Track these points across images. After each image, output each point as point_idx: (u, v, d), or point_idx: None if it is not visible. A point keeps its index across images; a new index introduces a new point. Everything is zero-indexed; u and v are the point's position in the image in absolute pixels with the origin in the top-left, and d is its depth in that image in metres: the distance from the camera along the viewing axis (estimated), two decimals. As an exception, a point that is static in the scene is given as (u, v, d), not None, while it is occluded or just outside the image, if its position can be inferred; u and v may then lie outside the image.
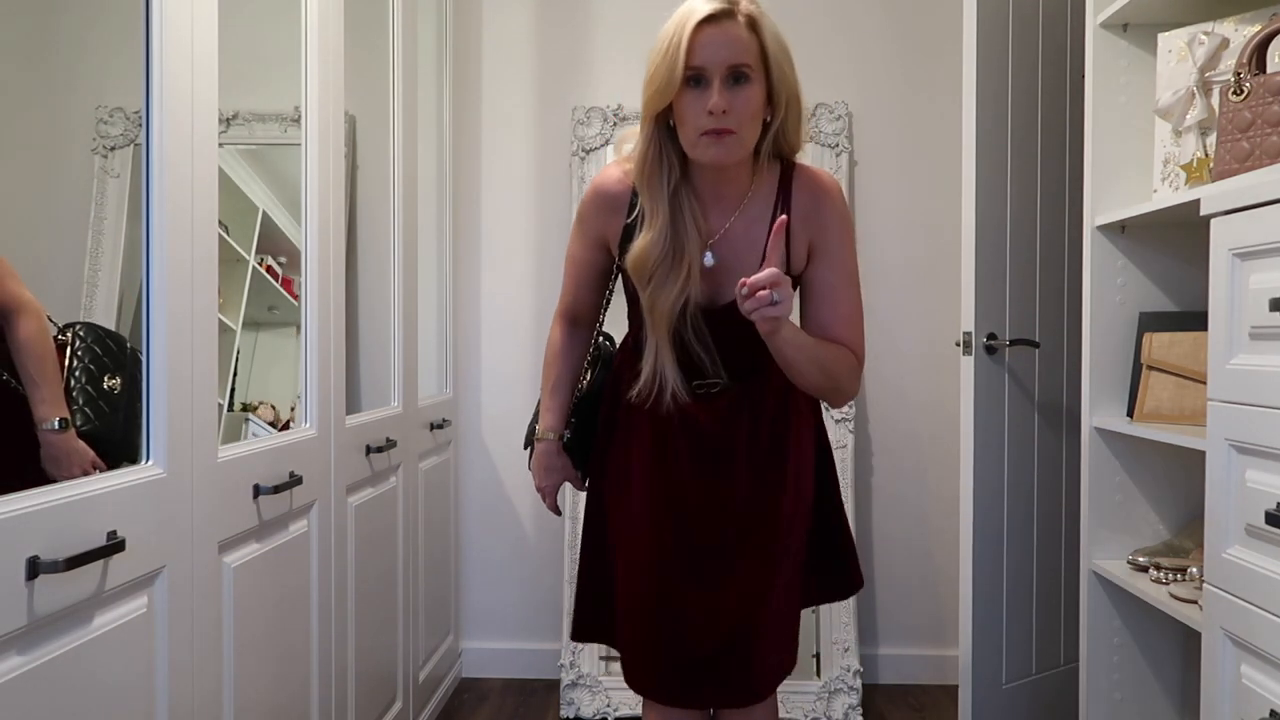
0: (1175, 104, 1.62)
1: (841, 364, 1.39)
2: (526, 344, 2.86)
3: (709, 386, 1.44)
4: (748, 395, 1.45)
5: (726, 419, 1.45)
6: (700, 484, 1.45)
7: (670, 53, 1.26)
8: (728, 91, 1.26)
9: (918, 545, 2.82)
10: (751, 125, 1.30)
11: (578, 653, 2.62)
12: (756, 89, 1.29)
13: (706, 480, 1.45)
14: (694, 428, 1.44)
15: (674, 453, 1.45)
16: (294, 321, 1.79)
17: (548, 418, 1.60)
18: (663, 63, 1.27)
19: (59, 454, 1.17)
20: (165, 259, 1.18)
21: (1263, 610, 1.20)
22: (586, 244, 1.52)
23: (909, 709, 2.63)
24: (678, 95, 1.28)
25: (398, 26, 2.21)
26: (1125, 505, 1.82)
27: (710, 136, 1.28)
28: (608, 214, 1.46)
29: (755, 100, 1.29)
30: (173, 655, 1.17)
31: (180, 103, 1.20)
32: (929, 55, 2.78)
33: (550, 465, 1.61)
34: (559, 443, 1.59)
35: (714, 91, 1.26)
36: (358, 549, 1.89)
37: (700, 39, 1.25)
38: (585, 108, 2.77)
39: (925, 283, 2.79)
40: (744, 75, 1.28)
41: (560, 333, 1.63)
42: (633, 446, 1.48)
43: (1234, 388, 1.25)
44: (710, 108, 1.25)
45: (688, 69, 1.26)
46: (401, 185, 2.23)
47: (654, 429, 1.46)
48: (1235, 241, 1.25)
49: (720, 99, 1.25)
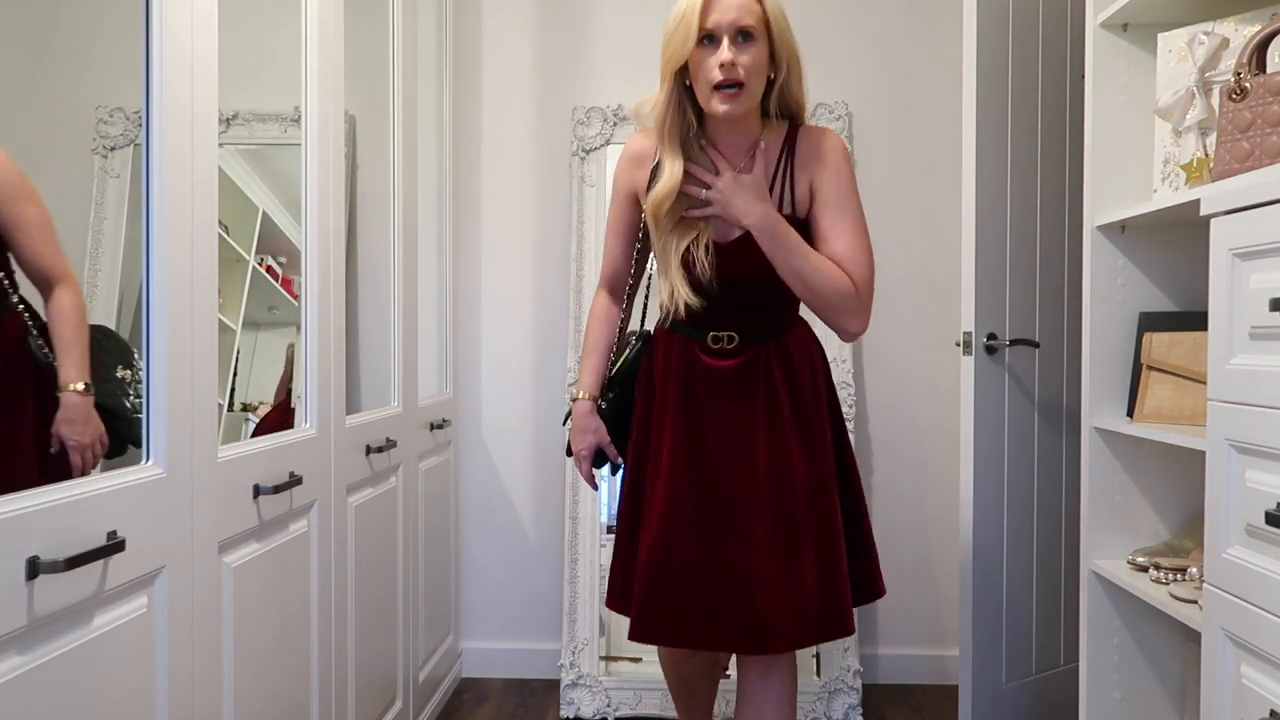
0: (1175, 104, 1.62)
1: (827, 282, 1.53)
2: (526, 344, 2.86)
3: (725, 340, 1.58)
4: (762, 359, 1.59)
5: (745, 381, 1.58)
6: (721, 440, 1.57)
7: (686, 17, 1.47)
8: (736, 49, 1.46)
9: (918, 545, 2.82)
10: (757, 78, 1.49)
11: (578, 653, 2.62)
12: (761, 47, 1.49)
13: (727, 436, 1.57)
14: (716, 390, 1.58)
15: (699, 411, 1.59)
16: (294, 321, 1.79)
17: (584, 378, 1.73)
18: (679, 26, 1.47)
19: (77, 416, 1.19)
20: (165, 259, 1.18)
21: (1263, 610, 1.20)
22: (620, 203, 1.70)
23: (909, 709, 2.63)
24: (693, 54, 1.48)
25: (398, 26, 2.21)
26: (1125, 505, 1.82)
27: (722, 91, 1.47)
28: (634, 168, 1.66)
29: (760, 57, 1.49)
30: (173, 655, 1.17)
31: (180, 103, 1.20)
32: (929, 55, 2.78)
33: (585, 426, 1.71)
34: (593, 404, 1.71)
35: (724, 48, 1.45)
36: (358, 549, 1.89)
37: (712, 4, 1.46)
38: (585, 108, 2.77)
39: (925, 283, 2.79)
40: (749, 34, 1.47)
41: (599, 301, 1.78)
42: (666, 409, 1.61)
43: (1234, 388, 1.25)
44: (721, 61, 1.45)
45: (701, 30, 1.46)
46: (401, 185, 2.23)
47: (684, 392, 1.59)
48: (1235, 241, 1.25)
49: (730, 54, 1.45)
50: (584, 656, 2.62)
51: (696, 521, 1.54)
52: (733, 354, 1.58)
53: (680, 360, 1.61)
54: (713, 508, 1.55)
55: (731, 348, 1.58)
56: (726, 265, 1.56)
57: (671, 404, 1.60)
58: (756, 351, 1.59)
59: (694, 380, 1.59)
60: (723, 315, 1.58)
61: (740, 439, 1.56)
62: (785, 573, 1.51)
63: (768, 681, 1.60)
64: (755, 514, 1.53)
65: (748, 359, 1.58)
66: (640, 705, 2.58)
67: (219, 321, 1.33)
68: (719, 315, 1.58)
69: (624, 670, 2.68)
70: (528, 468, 2.86)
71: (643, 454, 1.65)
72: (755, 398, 1.57)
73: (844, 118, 2.73)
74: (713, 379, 1.58)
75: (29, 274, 1.19)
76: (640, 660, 2.71)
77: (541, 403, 2.85)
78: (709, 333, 1.59)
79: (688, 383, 1.59)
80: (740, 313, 1.59)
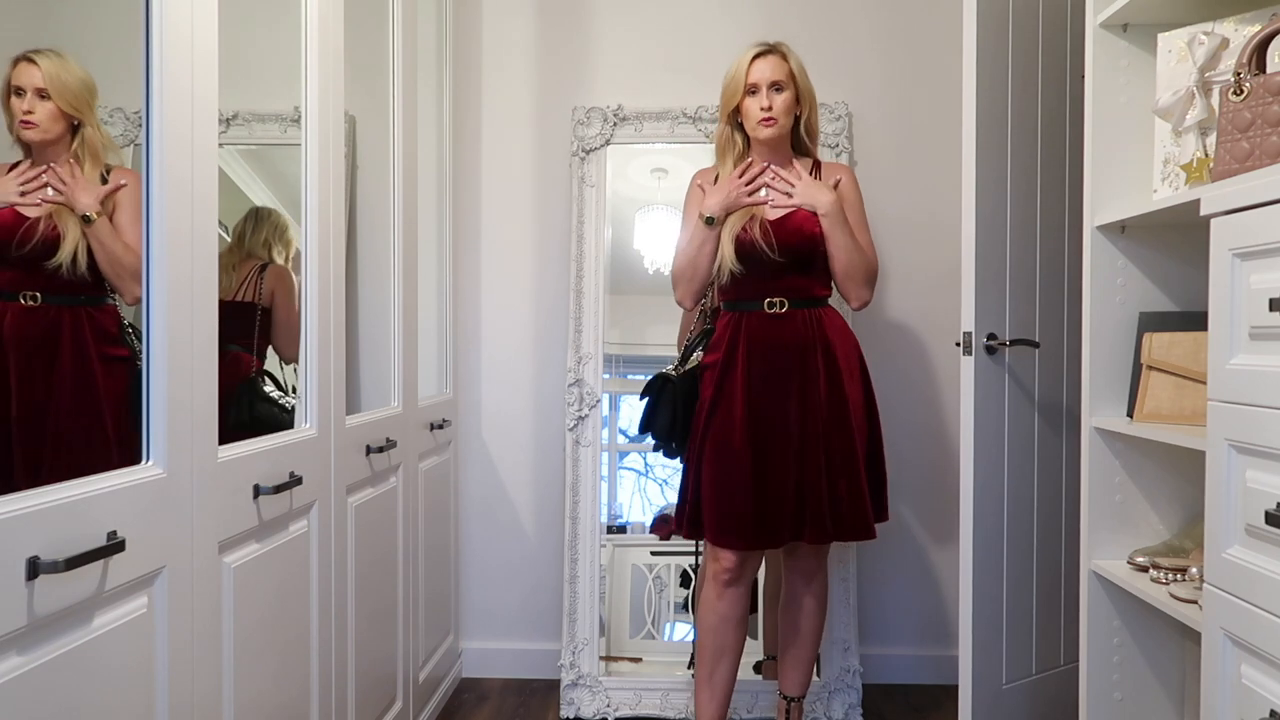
0: (1175, 104, 1.62)
1: (861, 255, 2.14)
2: (527, 344, 2.86)
3: (779, 304, 2.12)
4: (810, 323, 2.12)
5: (799, 340, 2.10)
6: (779, 390, 2.09)
7: (737, 75, 2.14)
8: (772, 95, 2.11)
9: (918, 545, 2.82)
10: (786, 116, 2.14)
11: (578, 653, 2.62)
12: (789, 94, 2.14)
13: (783, 385, 2.09)
14: (772, 346, 2.11)
15: (759, 366, 2.10)
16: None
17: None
18: (732, 82, 2.15)
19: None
20: (165, 259, 1.18)
21: (1263, 610, 1.20)
22: (691, 217, 2.23)
23: (909, 709, 2.63)
24: (742, 100, 2.14)
25: (398, 26, 2.21)
26: (1125, 505, 1.82)
27: (763, 123, 2.12)
28: (700, 187, 2.22)
29: (789, 100, 2.14)
30: (173, 655, 1.17)
31: (180, 103, 1.20)
32: (929, 55, 2.78)
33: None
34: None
35: (763, 95, 2.11)
36: (358, 549, 1.88)
37: (755, 66, 2.12)
38: (585, 108, 2.77)
39: (925, 283, 2.79)
40: (781, 86, 2.12)
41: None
42: (735, 371, 2.11)
43: (1234, 388, 1.25)
44: (762, 106, 2.11)
45: (748, 85, 2.13)
46: (401, 185, 2.23)
47: (748, 352, 2.10)
48: (1235, 241, 1.25)
49: (768, 100, 2.11)
50: (584, 656, 2.62)
51: (760, 451, 2.08)
52: (786, 319, 2.12)
53: (746, 325, 2.12)
54: (775, 441, 2.08)
55: (784, 311, 2.12)
56: (780, 234, 2.10)
57: (741, 360, 2.10)
58: (804, 316, 2.12)
59: (755, 339, 2.11)
60: (774, 283, 2.12)
61: (794, 388, 2.09)
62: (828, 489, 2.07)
63: (810, 585, 2.24)
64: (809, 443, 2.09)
65: (799, 322, 2.12)
66: (640, 705, 2.58)
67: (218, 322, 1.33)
68: (771, 284, 2.12)
69: (624, 670, 2.68)
70: (528, 468, 2.86)
71: (711, 415, 2.12)
72: (809, 350, 2.10)
73: (844, 118, 2.73)
74: (771, 340, 2.10)
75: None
76: (640, 660, 2.71)
77: (542, 403, 2.85)
78: (765, 300, 2.12)
79: (750, 342, 2.11)
80: (787, 276, 2.11)
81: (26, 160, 1.29)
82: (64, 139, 1.30)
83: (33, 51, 1.26)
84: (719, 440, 2.09)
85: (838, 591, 2.60)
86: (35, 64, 1.27)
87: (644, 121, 2.76)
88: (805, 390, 2.08)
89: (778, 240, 2.08)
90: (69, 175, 1.30)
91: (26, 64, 1.26)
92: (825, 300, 2.17)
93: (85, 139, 1.31)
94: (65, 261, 1.28)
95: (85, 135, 1.31)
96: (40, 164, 1.29)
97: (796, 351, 2.09)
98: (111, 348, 1.34)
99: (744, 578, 2.15)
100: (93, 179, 1.31)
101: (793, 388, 2.08)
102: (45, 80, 1.27)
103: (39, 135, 1.28)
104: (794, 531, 2.08)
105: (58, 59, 1.28)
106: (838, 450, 2.08)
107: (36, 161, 1.29)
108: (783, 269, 2.10)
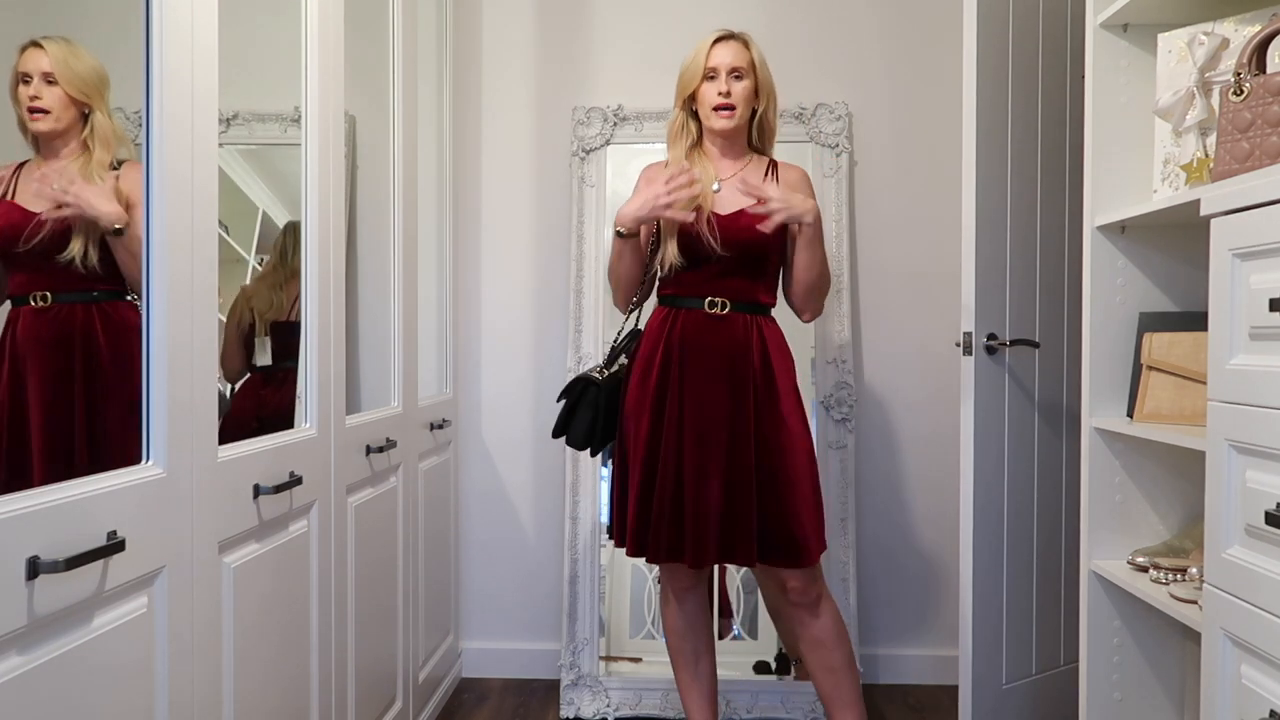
0: (1175, 104, 1.62)
1: (825, 272, 2.05)
2: (527, 344, 2.86)
3: (720, 305, 1.98)
4: (749, 328, 1.98)
5: (736, 345, 1.97)
6: (710, 397, 1.95)
7: (696, 58, 2.02)
8: (731, 82, 2.00)
9: (918, 545, 2.82)
10: (745, 105, 2.02)
11: (578, 653, 2.62)
12: (749, 83, 2.02)
13: (715, 392, 1.95)
14: (707, 350, 1.97)
15: (692, 371, 1.97)
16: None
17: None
18: (691, 65, 2.03)
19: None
20: (165, 259, 1.18)
21: (1263, 610, 1.20)
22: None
23: (909, 709, 2.63)
24: (699, 85, 2.02)
25: (398, 26, 2.21)
26: (1125, 505, 1.82)
27: (719, 110, 2.00)
28: (647, 181, 2.07)
29: (748, 90, 2.02)
30: (173, 655, 1.17)
31: (180, 103, 1.20)
32: (929, 55, 2.78)
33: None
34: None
35: (721, 81, 1.99)
36: (358, 549, 1.88)
37: (715, 50, 2.00)
38: (585, 108, 2.77)
39: (925, 283, 2.79)
40: (741, 74, 2.01)
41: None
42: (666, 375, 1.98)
43: (1234, 388, 1.25)
44: (719, 91, 1.99)
45: (706, 69, 2.00)
46: (401, 185, 2.23)
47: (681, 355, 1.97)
48: (1235, 241, 1.25)
49: (726, 86, 1.99)
50: (584, 656, 2.62)
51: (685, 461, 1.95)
52: (726, 321, 1.98)
53: (681, 324, 1.99)
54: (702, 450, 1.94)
55: (725, 313, 1.98)
56: (728, 231, 1.97)
57: (675, 363, 1.97)
58: (744, 321, 1.99)
59: (689, 340, 1.98)
60: (718, 283, 1.99)
61: (725, 396, 1.95)
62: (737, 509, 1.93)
63: (817, 614, 1.99)
64: (719, 456, 1.94)
65: (740, 324, 1.98)
66: (640, 705, 2.58)
67: (218, 321, 1.33)
68: (715, 283, 1.99)
69: (624, 670, 2.68)
70: (528, 468, 2.86)
71: (633, 421, 2.01)
72: (748, 351, 1.97)
73: (844, 118, 2.73)
74: (707, 342, 1.97)
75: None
76: (640, 660, 2.71)
77: (542, 403, 2.85)
78: (706, 298, 1.98)
79: (684, 343, 1.97)
80: (728, 277, 1.98)
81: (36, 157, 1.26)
82: (74, 130, 1.26)
83: (40, 37, 1.23)
84: (643, 449, 1.97)
85: (838, 592, 2.60)
86: (42, 49, 1.24)
87: (644, 121, 2.76)
88: (737, 399, 1.94)
89: (725, 237, 1.95)
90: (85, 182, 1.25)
91: (34, 49, 1.24)
92: (768, 310, 2.03)
93: (95, 127, 1.27)
94: (76, 256, 1.24)
95: (95, 123, 1.27)
96: (49, 159, 1.25)
97: (731, 357, 1.95)
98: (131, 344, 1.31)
99: (698, 585, 2.11)
100: (102, 170, 1.27)
101: (724, 396, 1.94)
102: (52, 64, 1.23)
103: (49, 125, 1.25)
104: (723, 552, 1.92)
105: (66, 44, 1.25)
106: (767, 469, 1.92)
107: (46, 157, 1.26)
108: (730, 269, 1.97)
